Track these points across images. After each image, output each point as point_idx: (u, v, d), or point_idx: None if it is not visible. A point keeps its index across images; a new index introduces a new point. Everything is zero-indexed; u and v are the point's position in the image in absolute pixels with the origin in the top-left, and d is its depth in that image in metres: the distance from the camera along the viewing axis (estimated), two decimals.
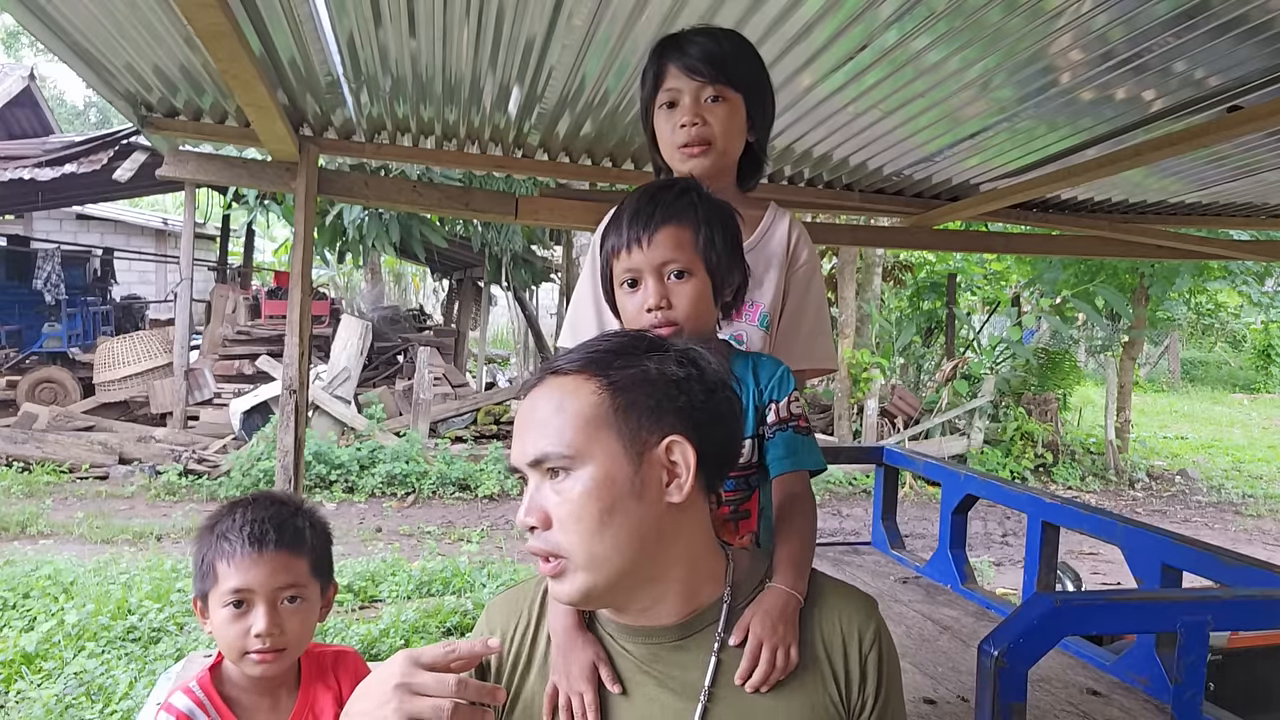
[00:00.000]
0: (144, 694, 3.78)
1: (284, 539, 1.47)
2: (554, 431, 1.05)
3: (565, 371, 1.08)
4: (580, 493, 1.04)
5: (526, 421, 1.08)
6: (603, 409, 1.06)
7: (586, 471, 1.04)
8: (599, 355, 1.09)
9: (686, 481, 1.07)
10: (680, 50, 1.58)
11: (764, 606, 1.15)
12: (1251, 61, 2.29)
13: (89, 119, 30.33)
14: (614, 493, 1.04)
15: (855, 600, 1.19)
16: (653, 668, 1.13)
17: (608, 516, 1.04)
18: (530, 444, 1.07)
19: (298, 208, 3.22)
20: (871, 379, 10.99)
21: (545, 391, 1.09)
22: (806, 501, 1.39)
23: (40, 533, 7.15)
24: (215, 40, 2.01)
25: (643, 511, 1.06)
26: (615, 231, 1.38)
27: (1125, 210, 4.25)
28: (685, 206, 1.36)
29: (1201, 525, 9.04)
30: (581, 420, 1.05)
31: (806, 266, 1.68)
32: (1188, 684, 1.62)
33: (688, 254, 1.34)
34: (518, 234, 11.22)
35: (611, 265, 1.39)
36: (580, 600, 1.08)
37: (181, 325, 10.76)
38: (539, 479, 1.07)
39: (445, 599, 5.43)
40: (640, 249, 1.34)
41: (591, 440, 1.05)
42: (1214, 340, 23.80)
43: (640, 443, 1.06)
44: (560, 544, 1.05)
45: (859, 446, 5.05)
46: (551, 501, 1.06)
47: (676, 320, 1.34)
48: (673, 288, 1.34)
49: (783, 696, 1.11)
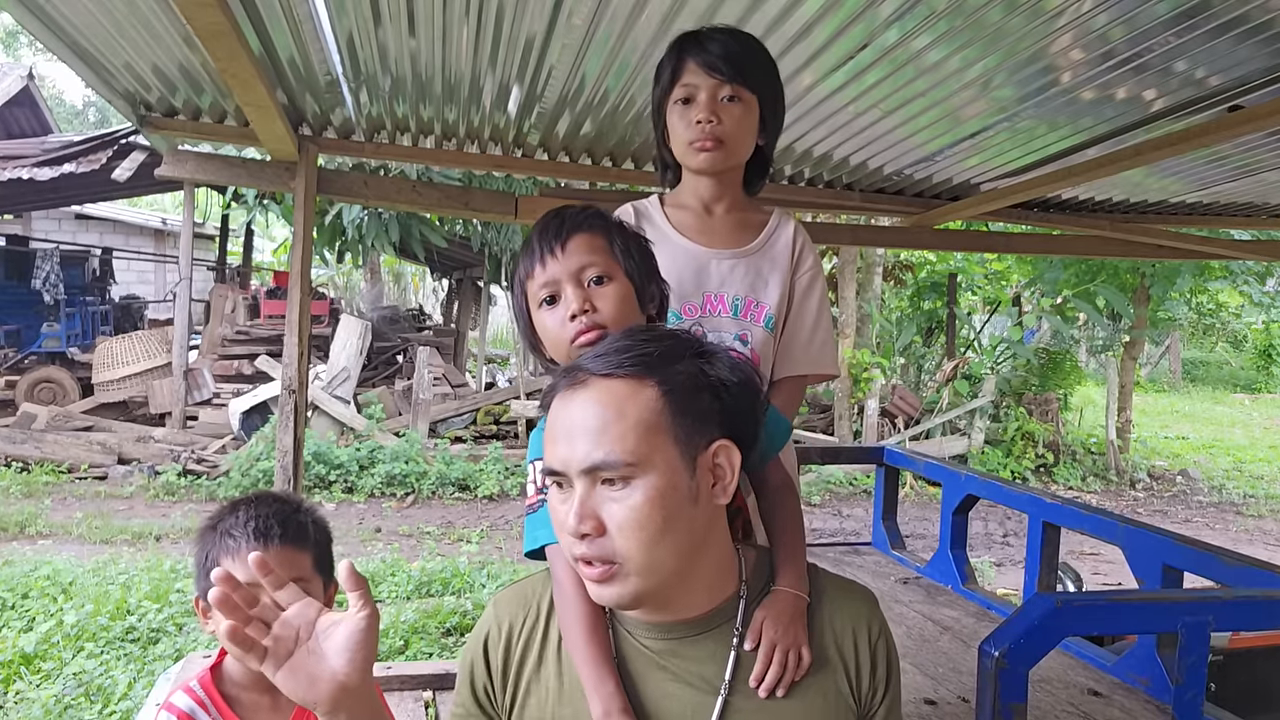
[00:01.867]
0: (143, 694, 3.77)
1: (288, 534, 1.48)
2: (614, 439, 1.02)
3: (617, 375, 1.05)
4: (643, 501, 1.02)
5: (577, 425, 1.04)
6: (663, 415, 1.04)
7: (649, 480, 1.02)
8: (652, 357, 1.06)
9: (731, 484, 1.08)
10: (700, 47, 1.58)
11: (774, 610, 1.17)
12: (1252, 61, 2.29)
13: (88, 118, 30.33)
14: (675, 500, 1.03)
15: (857, 594, 1.23)
16: (669, 661, 1.14)
17: (669, 524, 1.03)
18: (584, 450, 1.02)
19: (297, 207, 3.22)
20: (872, 379, 10.98)
21: (598, 395, 1.05)
22: (790, 495, 1.40)
23: (39, 533, 7.14)
24: (214, 39, 2.01)
25: (695, 515, 1.06)
26: (526, 255, 1.33)
27: (1126, 210, 4.25)
28: (594, 217, 1.34)
29: (1202, 525, 9.04)
30: (643, 428, 1.02)
31: (810, 272, 1.70)
32: (1189, 684, 1.62)
33: (604, 258, 1.31)
34: (518, 234, 11.20)
35: (526, 291, 1.33)
36: (628, 603, 1.07)
37: (180, 325, 10.76)
38: (589, 485, 1.03)
39: (445, 599, 5.43)
40: (554, 258, 1.29)
41: (653, 448, 1.03)
42: (1215, 340, 23.79)
43: (693, 448, 1.05)
44: (618, 551, 1.03)
45: (859, 446, 5.05)
46: (609, 509, 1.03)
47: (603, 324, 1.27)
48: (594, 292, 1.29)
49: (798, 694, 1.14)
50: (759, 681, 1.13)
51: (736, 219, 1.67)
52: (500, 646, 1.21)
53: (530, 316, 1.35)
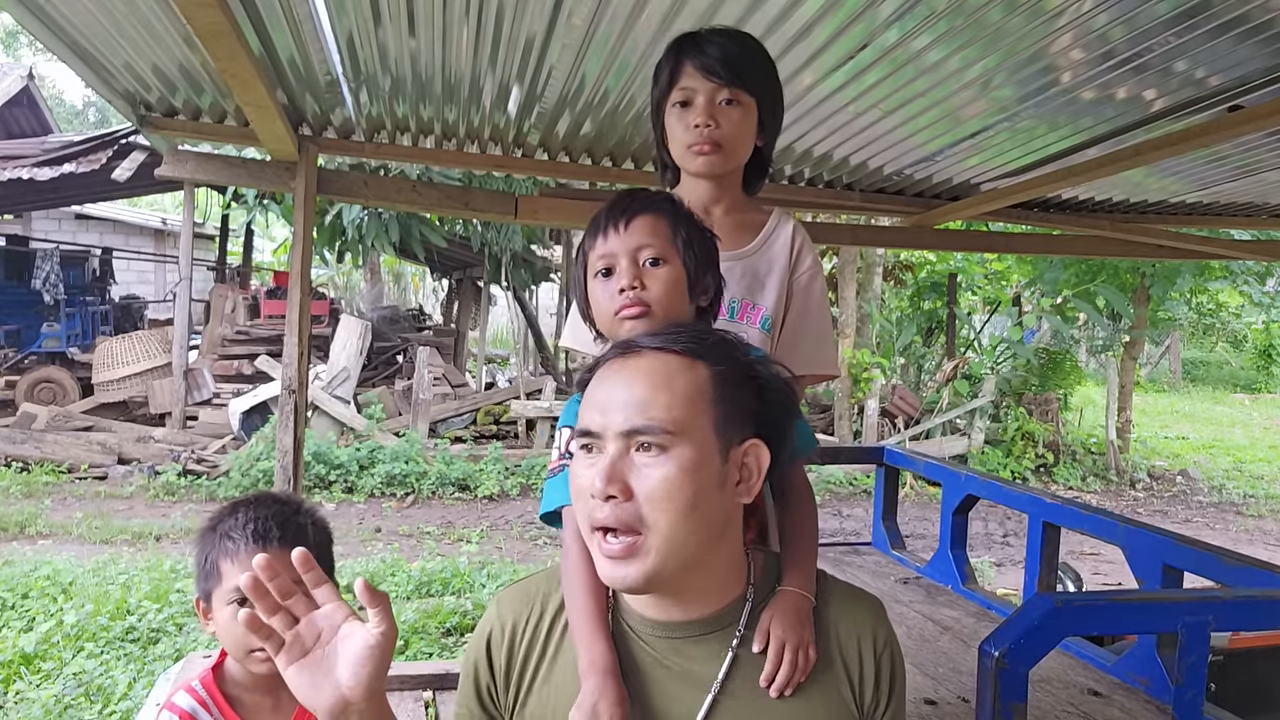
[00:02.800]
0: (143, 694, 3.77)
1: (288, 536, 1.47)
2: (661, 406, 1.04)
3: (673, 350, 1.08)
4: (678, 471, 1.03)
5: (623, 390, 1.06)
6: (708, 396, 1.06)
7: (685, 451, 1.04)
8: (706, 343, 1.10)
9: (757, 484, 1.10)
10: (698, 49, 1.58)
11: (781, 609, 1.17)
12: (1252, 61, 2.29)
13: (88, 118, 30.33)
14: (705, 478, 1.05)
15: (866, 602, 1.22)
16: (672, 662, 1.15)
17: (697, 500, 1.04)
18: (626, 413, 1.04)
19: (297, 207, 3.22)
20: (872, 379, 10.98)
21: (650, 364, 1.07)
22: (806, 496, 1.42)
23: (39, 533, 7.14)
24: (214, 39, 2.01)
25: (719, 503, 1.07)
26: (591, 229, 1.40)
27: (1126, 210, 4.25)
28: (663, 203, 1.39)
29: (1203, 525, 9.04)
30: (689, 403, 1.05)
31: (810, 272, 1.69)
32: (1189, 685, 1.62)
33: (663, 242, 1.35)
34: (517, 234, 11.21)
35: (586, 262, 1.40)
36: (643, 584, 1.06)
37: (180, 325, 10.76)
38: (623, 449, 1.04)
39: (445, 599, 5.43)
40: (616, 233, 1.35)
41: (694, 425, 1.05)
42: (1215, 340, 23.79)
43: (727, 439, 1.07)
44: (644, 518, 1.03)
45: (859, 446, 5.05)
46: (640, 475, 1.04)
47: (648, 302, 1.33)
48: (647, 272, 1.34)
49: (799, 696, 1.14)
50: (769, 681, 1.12)
51: (735, 220, 1.66)
52: (504, 646, 1.21)
53: (586, 285, 1.40)
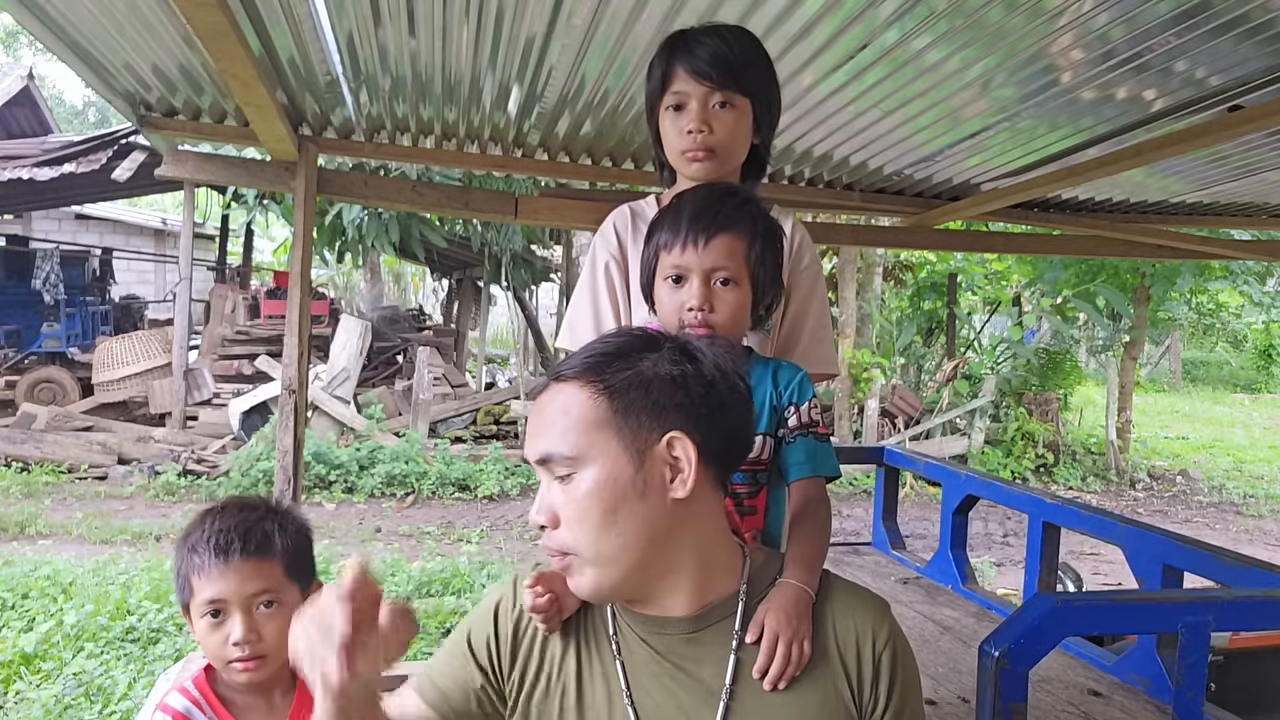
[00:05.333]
0: (143, 695, 3.77)
1: (249, 546, 1.45)
2: (558, 435, 1.10)
3: (566, 378, 1.13)
4: (585, 493, 1.08)
5: (536, 424, 1.14)
6: (600, 412, 1.09)
7: (590, 473, 1.08)
8: (595, 360, 1.13)
9: (690, 476, 1.10)
10: (689, 52, 1.55)
11: (777, 601, 1.16)
12: (1252, 61, 2.29)
13: (88, 119, 30.33)
14: (616, 492, 1.08)
15: (868, 600, 1.21)
16: (666, 659, 1.15)
17: (612, 516, 1.08)
18: (538, 444, 1.12)
19: (297, 207, 3.22)
20: (872, 379, 10.98)
21: (550, 396, 1.14)
22: (823, 506, 1.42)
23: (39, 533, 7.14)
24: (214, 39, 2.01)
25: (647, 508, 1.09)
26: (671, 227, 1.40)
27: (1126, 210, 4.25)
28: (744, 218, 1.40)
29: (1203, 525, 9.04)
30: (582, 424, 1.09)
31: (809, 270, 1.69)
32: (1189, 685, 1.62)
33: (738, 263, 1.38)
34: (517, 234, 11.21)
35: (658, 257, 1.42)
36: (592, 595, 1.12)
37: (180, 325, 10.76)
38: (549, 480, 1.12)
39: (445, 599, 5.43)
40: (695, 249, 1.37)
41: (592, 443, 1.09)
42: (1215, 340, 23.79)
43: (641, 441, 1.09)
44: (567, 542, 1.10)
45: (860, 446, 5.06)
46: (559, 502, 1.10)
47: (715, 325, 1.37)
48: (717, 293, 1.38)
49: (797, 692, 1.13)
50: (762, 674, 1.12)
51: None
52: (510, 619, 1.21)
53: (654, 272, 1.43)
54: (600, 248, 1.69)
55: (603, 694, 1.15)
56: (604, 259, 1.67)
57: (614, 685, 1.15)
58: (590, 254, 1.71)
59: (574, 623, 1.20)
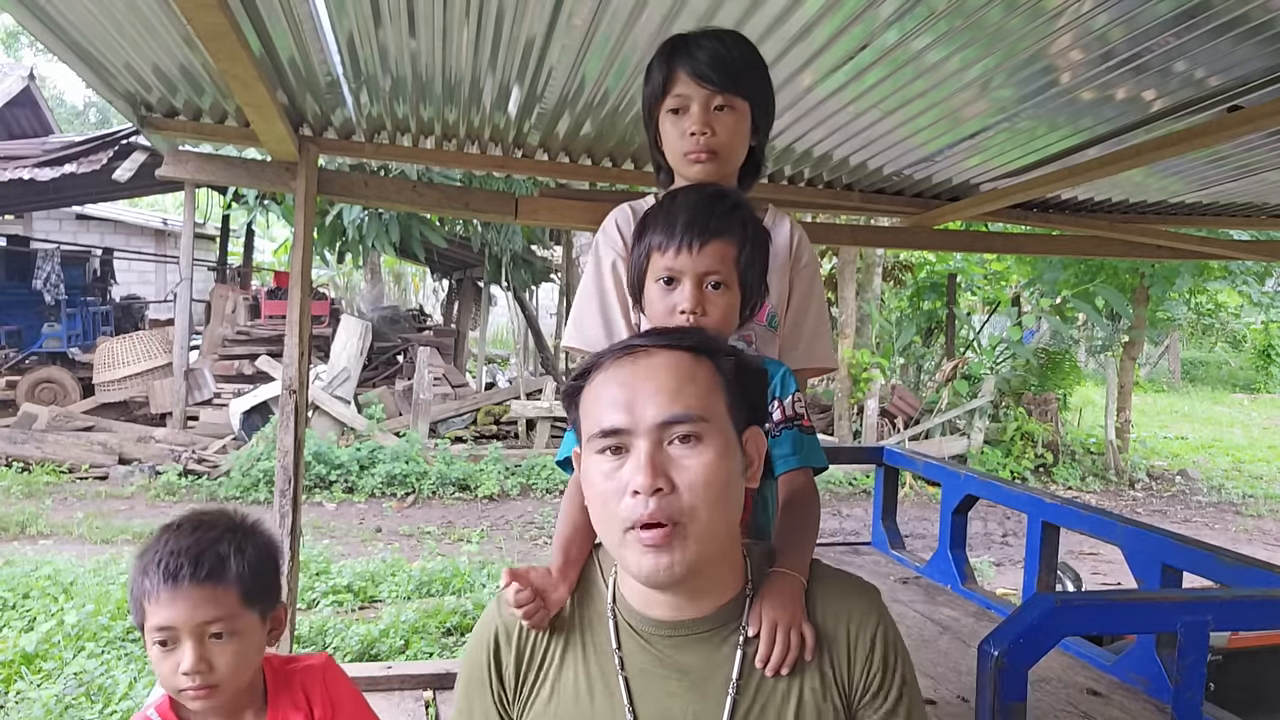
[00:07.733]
0: (143, 694, 3.78)
1: (200, 572, 1.35)
2: (691, 397, 1.08)
3: (684, 348, 1.13)
4: (714, 458, 1.07)
5: (646, 386, 1.09)
6: (721, 389, 1.12)
7: (717, 440, 1.08)
8: (710, 342, 1.16)
9: (758, 470, 1.15)
10: (689, 55, 1.58)
11: (772, 590, 1.18)
12: (1252, 61, 2.29)
13: (89, 119, 30.32)
14: (733, 465, 1.10)
15: (856, 586, 1.23)
16: (674, 663, 1.15)
17: (731, 486, 1.09)
18: (658, 406, 1.07)
19: (297, 208, 3.22)
20: (872, 379, 10.98)
21: (668, 361, 1.11)
22: (811, 496, 1.45)
23: (40, 533, 7.14)
24: (215, 40, 2.01)
25: (740, 490, 1.12)
26: (665, 230, 1.42)
27: (1125, 210, 4.25)
28: (736, 224, 1.43)
29: (1202, 525, 9.04)
30: (711, 391, 1.10)
31: (808, 268, 1.71)
32: (1188, 684, 1.62)
33: (729, 268, 1.42)
34: (518, 234, 11.21)
35: (650, 258, 1.44)
36: (683, 572, 1.07)
37: (181, 325, 10.76)
38: (656, 444, 1.06)
39: (445, 599, 5.43)
40: (688, 254, 1.40)
41: (717, 413, 1.10)
42: (1214, 340, 23.79)
43: (739, 425, 1.14)
44: (687, 508, 1.05)
45: (859, 447, 5.06)
46: (679, 466, 1.06)
47: (706, 327, 1.39)
48: (709, 296, 1.41)
49: (792, 678, 1.15)
50: (764, 663, 1.13)
51: None
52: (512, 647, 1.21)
53: (645, 271, 1.46)
54: (605, 246, 1.69)
55: (605, 706, 1.16)
56: (610, 258, 1.68)
57: (618, 701, 1.15)
58: (594, 253, 1.72)
59: (574, 633, 1.21)
